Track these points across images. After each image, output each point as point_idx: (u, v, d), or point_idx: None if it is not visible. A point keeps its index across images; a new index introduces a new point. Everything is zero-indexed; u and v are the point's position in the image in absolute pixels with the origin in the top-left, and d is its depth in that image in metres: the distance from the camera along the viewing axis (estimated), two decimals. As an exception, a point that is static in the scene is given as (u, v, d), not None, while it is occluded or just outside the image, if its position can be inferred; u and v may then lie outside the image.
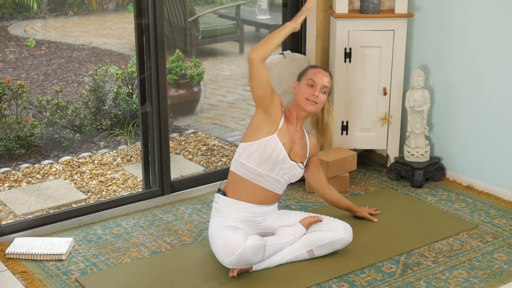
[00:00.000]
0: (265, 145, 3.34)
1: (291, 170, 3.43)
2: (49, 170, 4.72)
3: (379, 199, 4.17)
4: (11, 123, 4.81)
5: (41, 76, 5.42)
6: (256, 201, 3.42)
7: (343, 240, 3.44)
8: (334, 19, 4.35)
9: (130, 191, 4.49)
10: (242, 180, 3.40)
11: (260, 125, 3.36)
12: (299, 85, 3.50)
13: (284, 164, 3.39)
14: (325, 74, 3.50)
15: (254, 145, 3.35)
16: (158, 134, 4.06)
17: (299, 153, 3.48)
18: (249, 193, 3.40)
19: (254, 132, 3.38)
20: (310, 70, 3.53)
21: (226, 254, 3.21)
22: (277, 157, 3.35)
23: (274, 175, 3.39)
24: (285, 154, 3.38)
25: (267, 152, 3.33)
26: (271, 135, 3.36)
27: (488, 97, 4.16)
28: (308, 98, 3.43)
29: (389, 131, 4.50)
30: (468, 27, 4.18)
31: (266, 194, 3.43)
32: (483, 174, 4.28)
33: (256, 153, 3.34)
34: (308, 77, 3.48)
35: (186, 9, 6.21)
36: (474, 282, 3.28)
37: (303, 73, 3.54)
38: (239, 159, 3.40)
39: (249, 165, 3.36)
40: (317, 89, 3.44)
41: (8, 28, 5.72)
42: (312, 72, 3.50)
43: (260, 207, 3.44)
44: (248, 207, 3.42)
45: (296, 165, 3.44)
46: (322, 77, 3.47)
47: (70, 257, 3.52)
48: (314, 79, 3.45)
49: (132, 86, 5.25)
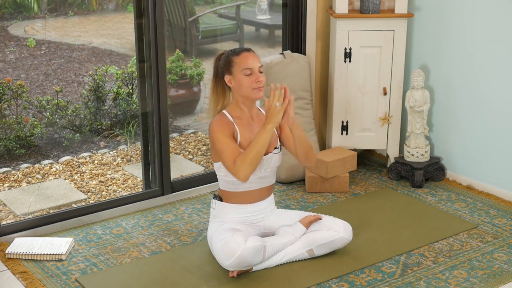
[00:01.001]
0: None
1: (270, 161, 3.39)
2: (49, 170, 4.72)
3: (379, 199, 4.17)
4: (11, 123, 4.81)
5: (41, 76, 5.42)
6: (254, 200, 3.43)
7: (343, 239, 3.44)
8: (334, 19, 4.35)
9: (130, 191, 4.49)
10: (233, 192, 3.40)
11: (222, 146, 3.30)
12: (234, 79, 3.28)
13: (261, 163, 3.35)
14: (252, 55, 3.30)
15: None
16: (158, 134, 4.06)
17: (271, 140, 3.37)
18: (244, 197, 3.41)
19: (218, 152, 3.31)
20: (236, 58, 3.29)
21: (226, 256, 3.20)
22: None
23: (259, 175, 3.38)
24: None
25: None
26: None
27: (488, 97, 4.16)
28: (254, 87, 3.27)
29: (389, 131, 4.50)
30: (468, 27, 4.18)
31: (260, 191, 3.45)
32: (483, 174, 4.28)
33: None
34: (242, 67, 3.26)
35: (186, 9, 6.21)
36: (474, 282, 3.28)
37: (229, 64, 3.30)
38: (221, 177, 3.39)
39: (233, 180, 3.34)
40: (257, 74, 3.27)
41: (8, 28, 5.71)
42: (241, 59, 3.27)
43: (258, 204, 3.45)
44: (246, 208, 3.42)
45: (271, 155, 3.39)
46: (253, 60, 3.27)
47: (70, 257, 3.52)
48: (249, 66, 3.26)
49: (132, 86, 5.25)
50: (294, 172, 4.40)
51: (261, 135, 3.20)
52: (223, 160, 3.27)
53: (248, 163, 3.20)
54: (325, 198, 4.20)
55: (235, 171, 3.21)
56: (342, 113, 4.47)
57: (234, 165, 3.21)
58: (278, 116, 3.19)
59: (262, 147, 3.20)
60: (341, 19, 4.30)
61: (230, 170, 3.24)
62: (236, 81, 3.30)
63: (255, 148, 3.20)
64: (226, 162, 3.25)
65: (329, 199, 4.19)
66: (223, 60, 3.35)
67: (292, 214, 3.54)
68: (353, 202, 4.14)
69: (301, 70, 4.45)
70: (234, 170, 3.21)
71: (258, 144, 3.20)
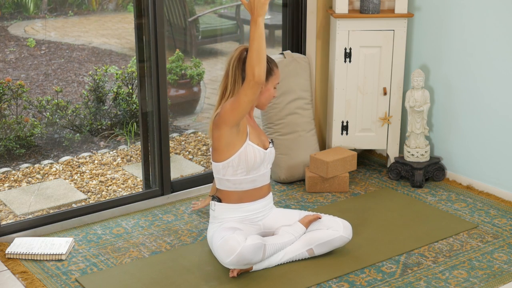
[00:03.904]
0: (245, 155, 3.33)
1: (271, 156, 3.49)
2: (49, 170, 4.72)
3: (379, 199, 4.17)
4: (11, 123, 4.81)
5: (41, 76, 5.41)
6: (254, 198, 3.44)
7: (343, 238, 3.44)
8: (334, 19, 4.35)
9: (130, 191, 4.49)
10: (235, 191, 3.42)
11: (232, 139, 3.31)
12: (265, 86, 3.39)
13: (265, 158, 3.43)
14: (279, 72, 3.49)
15: (234, 160, 3.34)
16: (158, 134, 4.06)
17: (265, 138, 3.51)
18: (244, 195, 3.42)
19: (228, 148, 3.32)
20: (276, 70, 3.43)
21: (226, 253, 3.21)
22: (260, 158, 3.38)
23: (262, 171, 3.43)
24: (263, 150, 3.40)
25: (250, 159, 3.34)
26: (244, 143, 3.34)
27: (488, 97, 4.16)
28: (271, 100, 3.49)
29: (389, 131, 4.50)
30: (468, 27, 4.18)
31: (260, 190, 3.47)
32: (483, 174, 4.28)
33: (240, 166, 3.34)
34: (276, 81, 3.43)
35: (186, 9, 6.21)
36: (474, 282, 3.28)
37: (269, 73, 3.38)
38: (224, 178, 3.39)
39: (239, 178, 3.37)
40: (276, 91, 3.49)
41: (8, 28, 5.71)
42: (278, 74, 3.44)
43: (258, 202, 3.46)
44: (246, 206, 3.43)
45: (270, 150, 3.47)
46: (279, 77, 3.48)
47: (70, 257, 3.52)
48: (278, 82, 3.48)
49: (132, 86, 5.25)
50: (294, 172, 4.40)
51: (255, 30, 3.10)
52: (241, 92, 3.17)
53: (258, 61, 3.10)
54: (325, 198, 4.20)
55: (252, 76, 3.10)
56: (342, 113, 4.47)
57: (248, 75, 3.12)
58: (265, 7, 3.10)
59: (262, 40, 3.09)
60: (341, 19, 4.31)
61: (249, 83, 3.12)
62: (266, 89, 3.41)
63: (257, 45, 3.09)
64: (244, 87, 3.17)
65: (329, 199, 4.19)
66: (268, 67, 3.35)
67: (292, 214, 3.54)
68: (353, 202, 4.14)
69: (301, 70, 4.45)
70: (251, 77, 3.11)
71: (257, 40, 3.10)
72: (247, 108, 3.21)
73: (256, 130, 3.45)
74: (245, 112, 3.23)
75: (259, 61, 3.11)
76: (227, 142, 3.32)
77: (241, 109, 3.21)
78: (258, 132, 3.47)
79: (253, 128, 3.43)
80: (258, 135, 3.44)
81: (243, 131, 3.34)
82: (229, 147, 3.32)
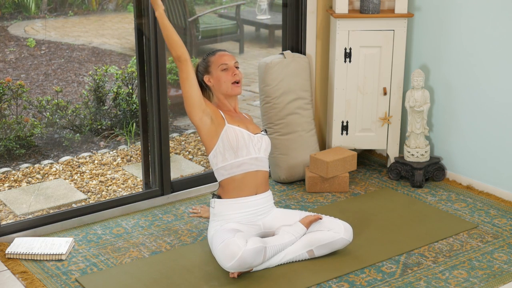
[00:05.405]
0: (227, 137, 3.41)
1: (261, 142, 3.51)
2: (49, 170, 4.72)
3: (379, 199, 4.17)
4: (11, 123, 4.81)
5: (41, 76, 5.42)
6: (251, 190, 3.45)
7: (343, 240, 3.44)
8: (334, 19, 4.35)
9: (130, 191, 4.49)
10: (231, 179, 3.44)
11: (210, 129, 3.41)
12: (213, 77, 3.49)
13: (252, 140, 3.47)
14: (227, 53, 3.53)
15: (219, 146, 3.42)
16: (158, 134, 4.06)
17: (255, 127, 3.56)
18: (242, 185, 3.44)
19: (210, 137, 3.43)
20: (211, 57, 3.52)
21: (227, 258, 3.20)
22: (243, 138, 3.43)
23: (253, 155, 3.45)
24: (246, 131, 3.45)
25: (233, 140, 3.41)
26: (223, 127, 3.42)
27: (488, 97, 4.16)
28: (232, 80, 3.47)
29: (389, 131, 4.50)
30: (468, 27, 4.18)
31: (256, 178, 3.47)
32: (483, 174, 4.28)
33: (226, 149, 3.41)
34: (218, 63, 3.49)
35: (186, 9, 6.21)
36: (474, 282, 3.28)
37: (207, 65, 3.52)
38: (218, 166, 3.46)
39: (229, 163, 3.42)
40: (233, 68, 3.49)
41: (8, 28, 5.71)
42: (217, 58, 3.50)
43: (257, 197, 3.47)
44: (246, 201, 3.43)
45: (261, 135, 3.52)
46: (228, 57, 3.50)
47: (70, 257, 3.52)
48: (225, 62, 3.48)
49: (132, 86, 5.25)
50: (294, 172, 4.40)
51: (159, 23, 3.36)
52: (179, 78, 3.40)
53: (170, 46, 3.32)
54: (325, 198, 4.20)
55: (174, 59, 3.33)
56: (342, 113, 4.47)
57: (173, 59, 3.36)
58: (155, 4, 3.36)
59: (166, 31, 3.32)
60: (341, 19, 4.31)
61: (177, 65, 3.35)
62: (215, 78, 3.49)
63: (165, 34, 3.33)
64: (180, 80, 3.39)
65: (329, 199, 4.19)
66: (201, 64, 3.55)
67: (292, 214, 3.54)
68: (353, 202, 4.14)
69: (301, 70, 4.45)
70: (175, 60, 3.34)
71: (163, 31, 3.34)
72: (191, 91, 3.34)
73: (241, 120, 3.51)
74: (194, 96, 3.35)
75: (171, 47, 3.33)
76: (207, 132, 3.41)
77: (188, 95, 3.35)
78: (244, 121, 3.53)
79: (233, 117, 3.48)
80: (243, 123, 3.50)
81: (216, 116, 3.42)
82: (210, 136, 3.41)
